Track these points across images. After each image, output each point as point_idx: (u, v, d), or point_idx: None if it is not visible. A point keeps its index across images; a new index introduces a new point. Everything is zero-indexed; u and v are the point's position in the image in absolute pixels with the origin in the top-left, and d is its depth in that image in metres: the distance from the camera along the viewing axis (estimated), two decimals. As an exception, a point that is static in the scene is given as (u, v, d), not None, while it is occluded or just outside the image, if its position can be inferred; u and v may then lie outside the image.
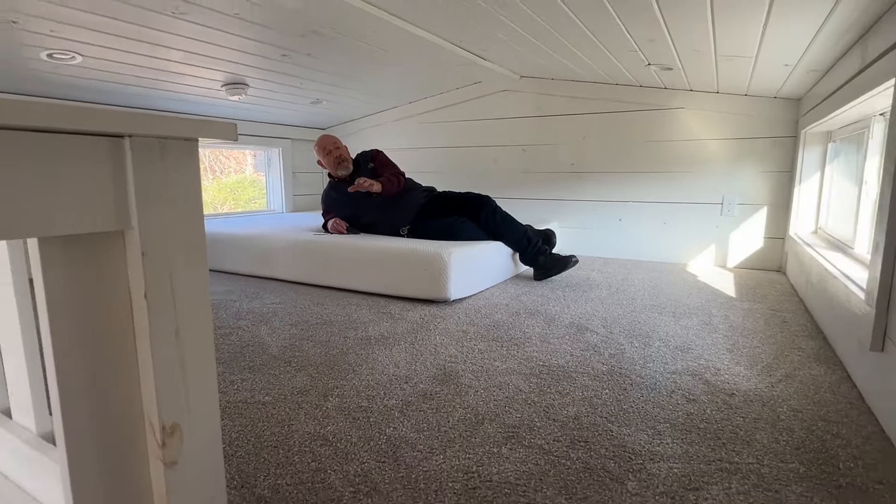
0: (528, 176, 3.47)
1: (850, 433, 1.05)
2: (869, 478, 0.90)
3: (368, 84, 3.12)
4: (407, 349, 1.56)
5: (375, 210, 2.65)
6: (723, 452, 0.98)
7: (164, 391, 0.50)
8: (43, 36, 1.89)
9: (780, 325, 1.80)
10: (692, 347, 1.57)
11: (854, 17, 1.44)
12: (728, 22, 1.67)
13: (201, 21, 1.90)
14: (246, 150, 4.24)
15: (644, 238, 3.15)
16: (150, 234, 0.48)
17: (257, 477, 0.91)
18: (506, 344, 1.61)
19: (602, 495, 0.85)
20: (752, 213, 2.86)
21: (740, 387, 1.28)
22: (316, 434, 1.06)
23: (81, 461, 0.48)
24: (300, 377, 1.35)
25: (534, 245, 2.52)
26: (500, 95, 3.44)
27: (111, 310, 0.48)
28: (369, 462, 0.95)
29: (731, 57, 2.08)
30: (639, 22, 1.80)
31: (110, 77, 2.45)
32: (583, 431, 1.06)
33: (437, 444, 1.02)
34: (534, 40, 2.26)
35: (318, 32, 2.11)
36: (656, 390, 1.26)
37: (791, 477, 0.90)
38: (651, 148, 3.05)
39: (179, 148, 0.49)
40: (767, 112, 2.73)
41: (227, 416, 1.14)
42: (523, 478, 0.90)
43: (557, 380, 1.33)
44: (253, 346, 1.60)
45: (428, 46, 2.37)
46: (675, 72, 2.51)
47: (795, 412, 1.15)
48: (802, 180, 2.58)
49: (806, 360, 1.47)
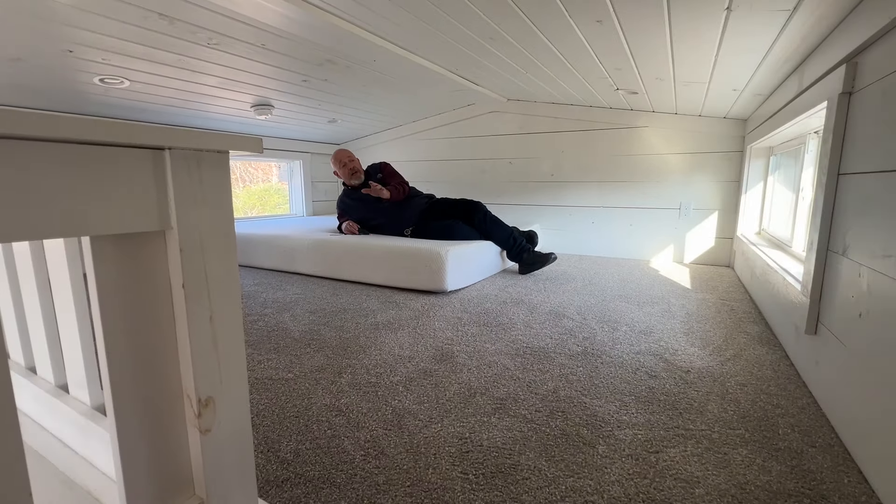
0: (513, 185, 3.47)
1: (788, 404, 1.06)
2: (804, 442, 0.91)
3: (377, 105, 3.11)
4: (410, 333, 1.56)
5: (383, 214, 2.64)
6: (679, 420, 0.98)
7: (199, 368, 0.49)
8: (96, 63, 1.87)
9: (729, 312, 1.81)
10: (654, 331, 1.57)
11: (792, 49, 1.45)
12: (685, 53, 1.67)
13: (233, 51, 1.89)
14: (271, 162, 4.22)
15: (613, 238, 3.15)
16: (188, 233, 0.47)
17: (280, 443, 0.91)
18: (495, 328, 1.61)
19: (577, 457, 0.85)
20: (706, 217, 2.86)
21: (695, 365, 1.28)
22: (331, 406, 1.05)
23: (128, 429, 0.47)
24: (318, 357, 1.35)
25: (519, 244, 2.52)
26: (490, 116, 3.43)
27: (153, 298, 0.48)
28: (377, 430, 0.95)
29: (688, 83, 2.08)
30: (609, 53, 1.80)
31: (153, 99, 2.43)
32: (560, 403, 1.06)
33: (435, 414, 1.02)
34: (519, 68, 2.25)
35: (332, 61, 2.10)
36: (623, 368, 1.26)
37: (738, 441, 0.91)
38: (619, 161, 3.05)
39: (213, 159, 0.49)
40: (718, 130, 2.74)
41: (254, 390, 1.14)
42: (509, 443, 0.90)
43: (539, 359, 1.33)
44: (277, 330, 1.60)
45: (428, 73, 2.36)
46: (639, 96, 2.51)
47: (742, 386, 1.15)
48: (748, 188, 2.59)
49: (751, 342, 1.47)
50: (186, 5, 1.45)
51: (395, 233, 2.61)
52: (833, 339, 1.01)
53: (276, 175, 6.35)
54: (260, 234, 2.78)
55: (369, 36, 1.79)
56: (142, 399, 0.48)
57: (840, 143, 1.08)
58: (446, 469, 0.82)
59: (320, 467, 0.83)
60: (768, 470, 0.82)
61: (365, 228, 2.69)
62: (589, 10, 1.40)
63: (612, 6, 1.35)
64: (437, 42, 1.89)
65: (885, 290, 0.79)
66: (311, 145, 4.10)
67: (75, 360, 0.64)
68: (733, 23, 1.34)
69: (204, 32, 1.67)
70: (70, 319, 0.61)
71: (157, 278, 0.48)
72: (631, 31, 1.52)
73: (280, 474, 0.81)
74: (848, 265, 0.96)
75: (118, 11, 1.45)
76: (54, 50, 1.71)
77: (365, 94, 2.78)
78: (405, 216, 2.60)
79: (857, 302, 0.90)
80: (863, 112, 0.98)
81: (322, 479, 0.80)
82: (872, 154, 0.91)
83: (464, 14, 1.54)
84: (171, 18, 1.54)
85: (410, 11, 1.55)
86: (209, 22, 1.59)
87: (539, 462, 0.84)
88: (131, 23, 1.54)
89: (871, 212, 0.88)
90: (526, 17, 1.52)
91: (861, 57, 1.02)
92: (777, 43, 1.42)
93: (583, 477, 0.80)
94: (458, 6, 1.47)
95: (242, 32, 1.71)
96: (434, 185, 3.76)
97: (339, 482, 0.79)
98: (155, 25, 1.58)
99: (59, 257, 0.59)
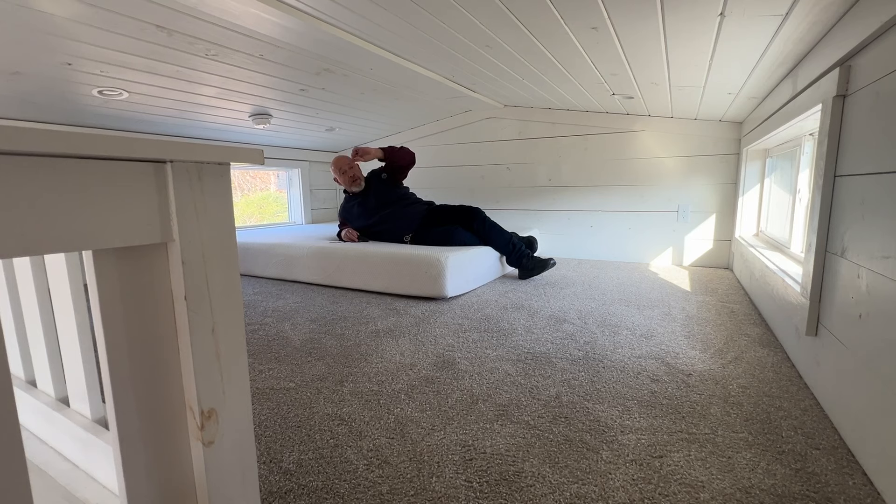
0: (512, 190, 3.48)
1: (790, 406, 1.06)
2: (807, 444, 0.90)
3: (375, 113, 3.12)
4: (411, 340, 1.56)
5: (383, 220, 2.64)
6: (682, 424, 0.98)
7: (202, 380, 0.49)
8: (94, 76, 1.88)
9: (729, 314, 1.81)
10: (655, 335, 1.57)
11: (785, 53, 1.46)
12: (680, 58, 1.68)
13: (231, 62, 1.90)
14: (270, 170, 4.22)
15: (612, 242, 3.16)
16: (190, 246, 0.47)
17: (283, 453, 0.90)
18: (495, 334, 1.60)
19: (580, 463, 0.85)
20: (703, 219, 2.87)
21: (696, 368, 1.28)
22: (334, 415, 1.05)
23: (130, 442, 0.47)
24: (319, 366, 1.34)
25: (518, 249, 2.52)
26: (488, 122, 3.45)
27: (156, 310, 0.48)
28: (380, 438, 0.95)
29: (683, 87, 2.10)
30: (604, 59, 1.81)
31: (152, 110, 2.44)
32: (563, 408, 1.06)
33: (438, 421, 1.01)
34: (515, 75, 2.27)
35: (329, 70, 2.12)
36: (625, 372, 1.26)
37: (741, 444, 0.90)
38: (616, 165, 3.07)
39: (214, 171, 0.49)
40: (714, 133, 2.75)
41: (256, 400, 1.13)
42: (512, 449, 0.90)
43: (540, 364, 1.32)
44: (278, 339, 1.59)
45: (426, 81, 2.38)
46: (635, 100, 2.52)
47: (744, 389, 1.15)
48: (745, 191, 2.60)
49: (752, 344, 1.47)
50: (184, 17, 1.46)
51: (395, 239, 2.61)
52: (834, 340, 1.01)
53: (275, 183, 6.35)
54: (259, 243, 2.77)
55: (366, 45, 1.81)
56: (144, 412, 0.48)
57: (835, 145, 1.08)
58: (450, 477, 0.82)
59: (323, 477, 0.83)
60: (773, 473, 0.82)
61: (365, 236, 2.70)
62: (584, 17, 1.42)
63: (607, 13, 1.36)
64: (433, 50, 1.90)
65: (884, 291, 0.79)
66: (310, 154, 4.11)
67: (76, 373, 0.63)
68: (727, 28, 1.35)
69: (202, 44, 1.68)
70: (71, 332, 0.61)
71: (159, 290, 0.48)
72: (626, 36, 1.54)
73: (283, 485, 0.81)
74: (847, 266, 0.97)
75: (116, 24, 1.46)
76: (53, 62, 1.72)
77: (362, 103, 2.79)
78: (404, 223, 2.60)
79: (857, 303, 0.90)
80: (857, 114, 0.99)
81: (325, 490, 0.79)
82: (868, 156, 0.91)
83: (460, 22, 1.56)
84: (169, 30, 1.55)
85: (407, 20, 1.56)
86: (207, 33, 1.60)
87: (543, 469, 0.84)
88: (130, 35, 1.55)
89: (868, 213, 0.89)
90: (522, 24, 1.53)
91: (854, 60, 1.03)
92: (770, 48, 1.44)
93: (587, 483, 0.80)
94: (454, 15, 1.49)
95: (240, 43, 1.72)
96: (433, 192, 3.77)
97: (343, 492, 0.79)
98: (153, 37, 1.59)
99: (60, 269, 0.59)
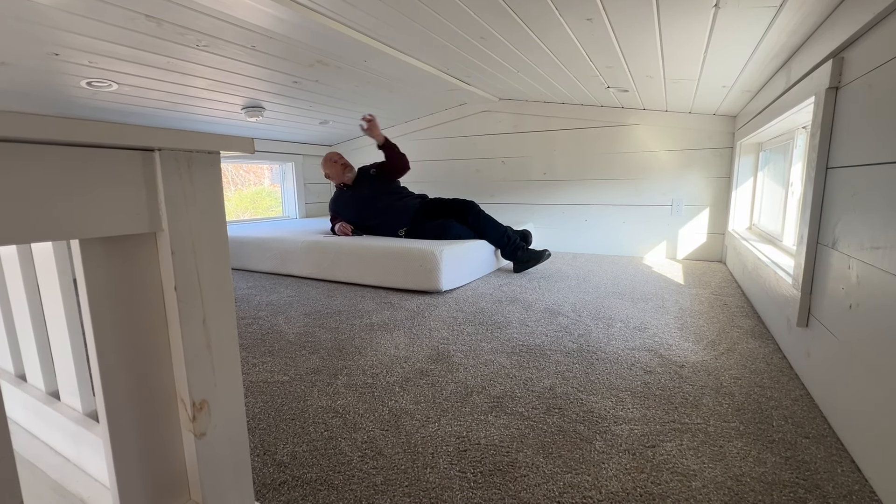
0: (506, 184, 3.47)
1: (781, 396, 1.07)
2: (797, 433, 0.92)
3: (369, 107, 3.09)
4: (405, 333, 1.56)
5: (377, 214, 2.64)
6: (675, 415, 0.99)
7: (193, 371, 0.49)
8: (82, 66, 1.85)
9: (722, 306, 1.82)
10: (648, 327, 1.58)
11: (779, 46, 1.46)
12: (674, 50, 1.68)
13: (223, 53, 1.87)
14: (263, 164, 4.19)
15: (606, 235, 3.17)
16: (179, 235, 0.47)
17: (277, 445, 0.90)
18: (490, 327, 1.61)
19: (574, 454, 0.86)
20: (697, 213, 2.89)
21: (689, 359, 1.29)
22: (328, 407, 1.05)
23: (121, 435, 0.47)
24: (313, 359, 1.34)
25: (513, 242, 2.52)
26: (482, 115, 3.43)
27: (146, 301, 0.47)
28: (374, 430, 0.95)
29: (678, 80, 2.10)
30: (599, 51, 1.81)
31: (142, 102, 2.41)
32: (557, 400, 1.07)
33: (432, 413, 1.01)
34: (510, 67, 2.26)
35: (323, 62, 2.09)
36: (618, 364, 1.27)
37: (733, 434, 0.91)
38: (611, 159, 3.07)
39: (204, 160, 0.48)
40: (708, 127, 2.76)
41: (250, 393, 1.13)
42: (507, 440, 0.90)
43: (535, 357, 1.33)
44: (272, 333, 1.59)
45: (420, 74, 2.36)
46: (630, 94, 2.52)
47: (735, 380, 1.16)
48: (738, 184, 2.61)
49: (744, 335, 1.48)
50: (174, 6, 1.43)
51: (389, 233, 2.61)
52: (824, 330, 1.02)
53: (268, 177, 6.31)
54: (252, 237, 2.76)
55: (360, 36, 1.79)
56: (135, 404, 0.47)
57: (828, 137, 1.09)
58: (444, 468, 0.82)
59: (317, 469, 0.83)
60: (763, 461, 0.83)
61: (359, 229, 2.69)
62: (579, 8, 1.41)
63: (602, 4, 1.35)
64: (428, 42, 1.88)
65: (874, 282, 0.80)
66: (304, 147, 4.08)
67: (66, 367, 0.63)
68: (721, 20, 1.35)
69: (192, 34, 1.66)
70: (60, 324, 0.60)
71: (149, 281, 0.48)
72: (621, 28, 1.53)
73: (277, 477, 0.81)
74: (837, 258, 0.97)
75: (104, 13, 1.44)
76: (40, 53, 1.68)
77: (357, 95, 2.77)
78: (399, 216, 2.59)
79: (847, 294, 0.91)
80: (849, 106, 0.99)
81: (319, 481, 0.79)
82: (859, 148, 0.92)
83: (455, 14, 1.54)
84: (158, 20, 1.52)
85: (401, 11, 1.55)
86: (198, 24, 1.57)
87: (537, 459, 0.84)
88: (118, 25, 1.52)
89: (858, 204, 0.90)
90: (517, 15, 1.52)
91: (847, 52, 1.03)
92: (764, 40, 1.44)
93: (580, 473, 0.80)
94: (448, 5, 1.47)
95: (232, 34, 1.69)
96: (427, 185, 3.76)
97: (337, 484, 0.79)
98: (142, 27, 1.56)
99: (48, 261, 0.58)
